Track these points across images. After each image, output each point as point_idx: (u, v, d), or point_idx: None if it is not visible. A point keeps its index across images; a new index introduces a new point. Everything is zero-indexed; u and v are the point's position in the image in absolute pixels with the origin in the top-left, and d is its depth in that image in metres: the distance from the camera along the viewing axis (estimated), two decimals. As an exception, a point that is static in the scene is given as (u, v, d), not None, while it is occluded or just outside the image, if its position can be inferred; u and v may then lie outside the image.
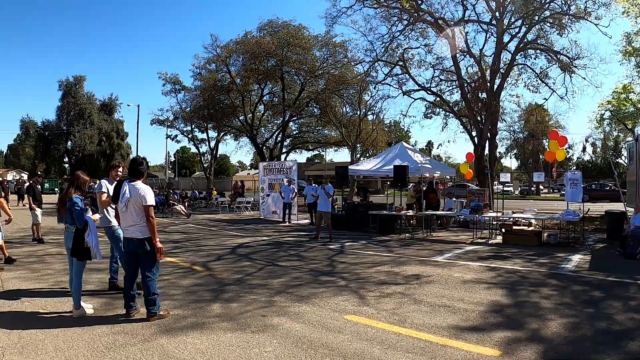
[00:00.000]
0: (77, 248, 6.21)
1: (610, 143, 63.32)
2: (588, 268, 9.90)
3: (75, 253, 6.22)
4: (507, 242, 13.83)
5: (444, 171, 21.46)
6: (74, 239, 6.23)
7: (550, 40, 23.71)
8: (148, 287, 5.95)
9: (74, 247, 6.22)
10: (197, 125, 47.99)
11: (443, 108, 28.11)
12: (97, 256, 6.37)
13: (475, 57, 23.84)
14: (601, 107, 27.80)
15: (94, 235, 6.31)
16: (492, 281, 8.51)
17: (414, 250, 12.61)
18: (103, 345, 5.14)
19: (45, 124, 62.30)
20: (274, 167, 23.44)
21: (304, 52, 33.97)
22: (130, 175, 6.14)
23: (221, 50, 36.25)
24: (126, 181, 6.11)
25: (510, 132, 57.00)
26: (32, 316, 6.22)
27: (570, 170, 15.51)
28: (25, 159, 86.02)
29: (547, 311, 6.50)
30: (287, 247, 13.09)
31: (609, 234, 14.57)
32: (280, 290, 7.77)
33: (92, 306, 6.51)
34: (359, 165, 22.24)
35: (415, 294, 7.50)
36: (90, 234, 6.28)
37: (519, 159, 79.09)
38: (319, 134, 43.39)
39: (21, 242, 13.58)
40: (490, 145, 23.64)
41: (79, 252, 6.21)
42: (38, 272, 9.11)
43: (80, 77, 63.34)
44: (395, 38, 25.26)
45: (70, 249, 6.28)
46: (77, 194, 6.37)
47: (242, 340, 5.31)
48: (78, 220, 6.20)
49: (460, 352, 4.94)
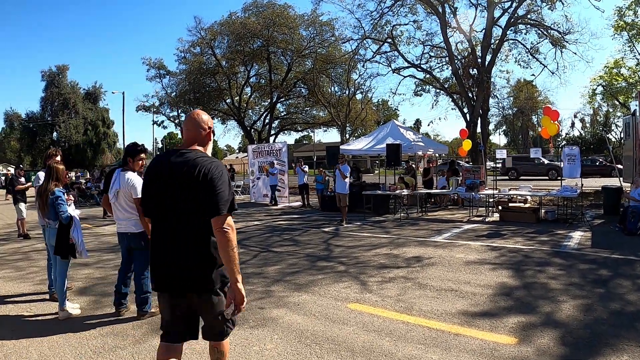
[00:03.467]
0: (62, 245, 5.75)
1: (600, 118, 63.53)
2: (590, 245, 9.66)
3: (60, 250, 5.75)
4: (504, 219, 13.60)
5: (436, 149, 21.19)
6: (58, 236, 5.76)
7: (541, 15, 23.37)
8: (141, 284, 5.59)
9: (57, 245, 5.75)
10: (183, 110, 47.19)
11: (433, 85, 27.75)
12: (83, 253, 5.97)
13: (466, 33, 23.45)
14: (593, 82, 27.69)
15: (79, 230, 5.90)
16: (496, 261, 8.24)
17: (411, 230, 12.33)
18: (91, 349, 4.76)
19: (30, 115, 60.94)
20: (263, 149, 23.01)
21: (290, 32, 33.47)
22: (123, 163, 5.72)
23: (205, 32, 35.59)
24: (118, 170, 5.68)
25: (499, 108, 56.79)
26: (16, 320, 5.80)
27: (568, 146, 15.24)
28: (11, 152, 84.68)
29: (557, 292, 6.24)
30: (281, 232, 12.73)
31: (606, 210, 14.42)
32: (277, 279, 7.44)
33: (79, 306, 6.11)
34: (350, 144, 21.91)
35: (419, 278, 7.21)
36: (76, 230, 5.87)
37: (509, 135, 79.28)
38: (308, 114, 42.90)
39: (6, 238, 13.10)
40: (482, 122, 23.37)
41: (64, 249, 5.76)
42: (23, 271, 8.67)
43: (63, 66, 61.98)
44: (384, 14, 24.81)
45: (54, 246, 5.82)
46: (58, 186, 5.92)
47: (240, 336, 4.97)
48: (61, 215, 5.77)
49: (475, 341, 4.64)
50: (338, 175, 14.05)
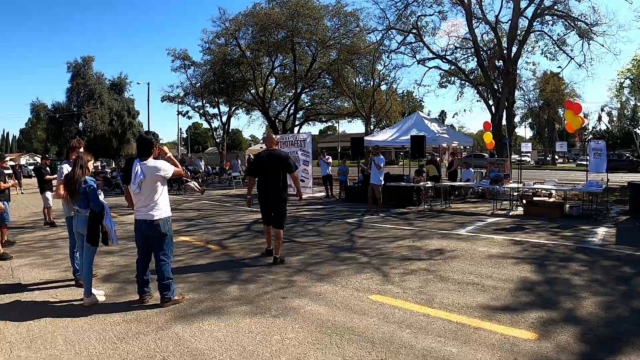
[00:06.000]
0: (94, 233, 5.88)
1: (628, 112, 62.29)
2: (615, 242, 9.55)
3: (91, 239, 5.88)
4: (528, 213, 13.50)
5: (461, 141, 21.05)
6: (90, 224, 5.88)
7: (568, 6, 22.92)
8: (162, 271, 5.69)
9: (90, 233, 5.87)
10: (208, 101, 47.55)
11: (458, 76, 27.50)
12: (114, 241, 6.14)
13: (491, 24, 23.18)
14: (620, 75, 27.15)
15: (110, 218, 6.06)
16: (518, 256, 8.21)
17: (434, 222, 12.32)
18: (115, 335, 4.90)
19: (56, 106, 61.72)
20: (288, 139, 23.03)
21: (314, 23, 33.29)
22: (139, 154, 5.75)
23: (230, 23, 35.61)
24: (136, 160, 5.70)
25: (525, 100, 55.97)
26: (42, 306, 5.96)
27: (594, 140, 15.00)
28: (38, 142, 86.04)
29: (579, 288, 6.20)
30: (304, 222, 12.83)
31: (632, 206, 14.10)
32: (299, 269, 7.53)
33: (103, 293, 6.27)
34: (374, 136, 21.89)
35: (441, 271, 7.22)
36: (107, 217, 6.03)
37: (534, 128, 78.15)
38: (332, 105, 42.77)
39: (33, 226, 13.38)
40: (507, 114, 23.12)
41: (96, 237, 5.89)
42: (49, 258, 8.87)
43: (88, 57, 62.61)
44: (408, 5, 24.64)
45: (86, 235, 5.93)
46: (87, 174, 6.05)
47: (262, 325, 5.06)
48: (95, 203, 5.90)
49: (495, 335, 4.66)
50: (373, 167, 14.07)
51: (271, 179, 7.91)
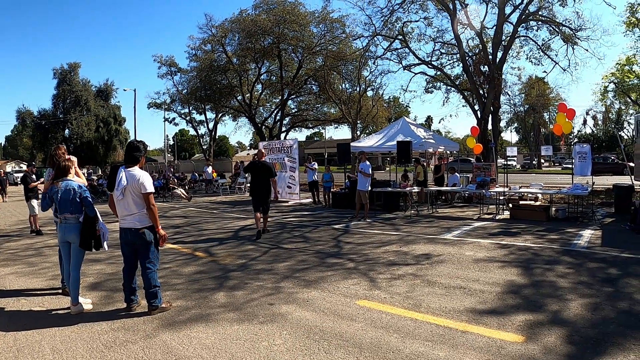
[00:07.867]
0: (88, 238, 5.88)
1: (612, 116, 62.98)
2: (600, 244, 9.63)
3: (85, 243, 5.87)
4: (515, 217, 13.59)
5: (447, 146, 21.16)
6: (84, 229, 5.88)
7: (553, 11, 23.26)
8: (149, 279, 5.64)
9: (83, 238, 5.86)
10: (194, 107, 47.62)
11: (444, 82, 27.69)
12: (105, 245, 6.13)
13: (476, 29, 23.38)
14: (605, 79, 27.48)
15: (102, 222, 6.05)
16: (505, 259, 8.25)
17: (420, 227, 12.35)
18: (102, 344, 4.85)
19: (42, 113, 61.27)
20: (274, 146, 23.05)
21: (300, 29, 33.44)
22: (126, 161, 5.72)
23: (216, 30, 35.74)
24: (122, 167, 5.69)
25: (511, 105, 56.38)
26: (28, 315, 5.90)
27: (579, 144, 15.15)
28: (24, 149, 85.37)
29: (565, 291, 6.24)
30: (291, 229, 12.81)
31: (617, 208, 14.29)
32: (286, 275, 7.51)
33: (90, 301, 6.21)
34: (361, 141, 21.94)
35: (428, 275, 7.24)
36: (100, 222, 6.02)
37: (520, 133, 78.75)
38: (319, 111, 42.90)
39: (19, 234, 13.26)
40: (493, 119, 23.30)
41: (89, 242, 5.89)
42: (35, 266, 8.80)
43: (75, 64, 62.29)
44: (394, 11, 24.82)
45: (80, 240, 5.89)
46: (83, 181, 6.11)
47: (249, 332, 5.04)
48: (89, 208, 5.90)
49: (482, 339, 4.67)
50: (359, 173, 14.09)
51: (262, 181, 11.48)
